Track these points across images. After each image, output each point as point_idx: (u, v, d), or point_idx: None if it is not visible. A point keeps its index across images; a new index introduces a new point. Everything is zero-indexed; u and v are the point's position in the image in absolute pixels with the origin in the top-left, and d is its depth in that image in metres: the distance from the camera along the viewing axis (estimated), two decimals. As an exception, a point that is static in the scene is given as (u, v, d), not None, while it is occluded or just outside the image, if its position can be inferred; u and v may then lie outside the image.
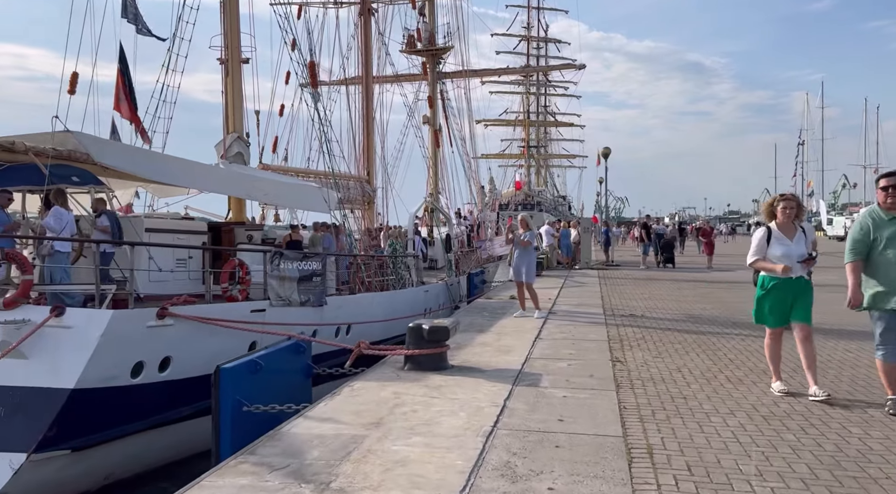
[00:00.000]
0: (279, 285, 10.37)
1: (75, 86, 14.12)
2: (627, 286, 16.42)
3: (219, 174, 11.21)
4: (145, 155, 9.97)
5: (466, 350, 7.62)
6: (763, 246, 5.65)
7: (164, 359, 8.18)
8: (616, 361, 7.03)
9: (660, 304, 12.40)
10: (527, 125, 68.61)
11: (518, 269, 10.59)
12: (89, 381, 7.27)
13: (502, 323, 9.98)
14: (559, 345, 7.96)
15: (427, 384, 5.88)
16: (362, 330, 12.69)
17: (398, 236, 16.71)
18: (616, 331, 9.08)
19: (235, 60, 14.61)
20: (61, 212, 8.24)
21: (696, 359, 7.22)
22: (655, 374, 6.47)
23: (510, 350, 7.64)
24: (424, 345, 6.41)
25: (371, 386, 5.81)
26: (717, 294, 14.48)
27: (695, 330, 9.28)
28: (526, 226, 10.78)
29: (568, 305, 12.21)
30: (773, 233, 5.64)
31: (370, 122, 22.23)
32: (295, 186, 13.24)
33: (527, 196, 56.00)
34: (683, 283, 17.05)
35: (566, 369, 6.61)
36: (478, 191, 29.33)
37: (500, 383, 5.93)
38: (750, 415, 5.06)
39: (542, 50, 71.21)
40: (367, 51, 22.20)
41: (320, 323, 11.36)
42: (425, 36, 28.03)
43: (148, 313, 7.90)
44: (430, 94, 27.36)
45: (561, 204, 71.32)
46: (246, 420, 6.03)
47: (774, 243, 5.59)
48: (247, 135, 15.07)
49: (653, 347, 7.91)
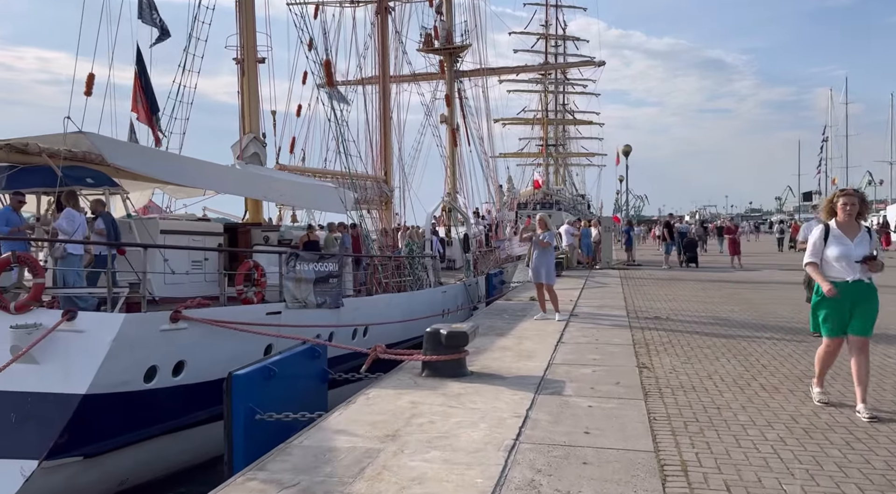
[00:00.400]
0: (295, 287, 10.20)
1: (91, 88, 14.09)
2: (650, 287, 16.04)
3: (234, 175, 11.07)
4: (159, 156, 9.85)
5: (486, 355, 7.37)
6: (819, 246, 5.13)
7: (178, 363, 8.03)
8: (643, 367, 6.73)
9: (685, 306, 12.04)
10: (545, 123, 68.09)
11: (537, 270, 10.30)
12: (101, 386, 7.13)
13: (523, 325, 9.71)
14: (583, 350, 7.67)
15: (445, 392, 5.64)
16: (380, 331, 12.50)
17: (415, 236, 16.47)
18: (641, 335, 8.76)
19: (251, 60, 14.48)
20: (73, 214, 8.12)
21: (727, 365, 6.89)
22: (685, 381, 6.16)
23: (531, 355, 7.37)
24: (442, 351, 6.17)
25: (387, 395, 5.59)
26: (744, 295, 14.06)
27: (724, 333, 8.93)
28: (544, 226, 10.48)
29: (590, 307, 11.90)
30: (831, 231, 5.12)
31: (387, 122, 22.05)
32: (311, 186, 13.08)
33: (545, 195, 55.58)
34: (708, 284, 16.62)
35: (591, 376, 6.32)
36: (496, 191, 29.01)
37: (522, 391, 5.67)
38: (790, 428, 4.74)
39: (560, 48, 70.70)
40: (383, 49, 22.02)
41: (337, 324, 11.18)
42: (442, 34, 27.80)
43: (161, 316, 7.75)
44: (448, 93, 27.14)
45: (580, 202, 70.76)
46: (259, 429, 5.84)
47: (832, 243, 5.07)
48: (263, 136, 14.94)
49: (681, 352, 7.59)
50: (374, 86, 22.75)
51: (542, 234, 10.35)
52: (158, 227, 10.57)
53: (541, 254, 10.32)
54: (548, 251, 10.40)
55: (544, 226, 10.52)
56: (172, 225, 10.96)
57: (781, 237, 38.42)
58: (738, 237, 24.07)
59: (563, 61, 66.54)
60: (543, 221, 10.69)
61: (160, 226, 10.61)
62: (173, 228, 10.83)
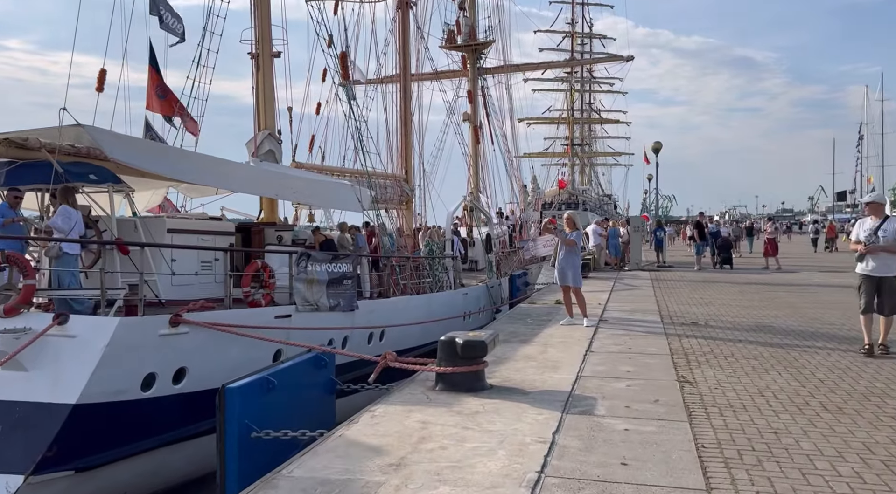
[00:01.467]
0: (306, 289, 9.66)
1: (103, 84, 13.71)
2: (683, 289, 15.20)
3: (245, 172, 10.55)
4: (164, 151, 9.35)
5: (507, 365, 6.71)
6: None
7: (179, 370, 7.52)
8: (684, 381, 6.02)
9: (723, 311, 11.23)
10: (570, 122, 66.98)
11: (563, 272, 9.60)
12: (94, 395, 6.64)
13: (548, 332, 9.03)
14: (615, 360, 6.97)
15: (461, 410, 5.00)
16: (397, 334, 11.93)
17: (435, 236, 15.85)
18: (679, 343, 8.03)
19: (266, 54, 14.01)
20: (69, 211, 7.66)
21: (779, 380, 6.14)
22: (734, 399, 5.44)
23: (558, 365, 6.69)
24: (458, 362, 5.53)
25: (395, 412, 4.97)
26: (785, 298, 13.18)
27: (769, 342, 8.14)
28: (572, 225, 9.77)
29: (620, 311, 11.16)
30: None
31: (408, 119, 21.46)
32: (327, 184, 12.53)
33: (570, 195, 54.58)
34: (745, 286, 15.72)
35: (625, 391, 5.64)
36: (520, 190, 28.26)
37: (547, 409, 5.01)
38: (865, 460, 4.02)
39: (586, 46, 69.51)
40: (404, 44, 21.41)
41: (352, 327, 10.64)
42: (465, 30, 27.18)
43: (160, 320, 7.25)
44: (471, 90, 26.48)
45: (606, 203, 69.52)
46: (255, 448, 5.28)
47: None
48: (279, 133, 14.46)
49: (725, 364, 6.85)
50: (395, 85, 22.21)
51: (570, 233, 9.66)
52: (165, 226, 10.10)
53: (567, 255, 9.62)
54: (574, 252, 9.70)
55: (572, 226, 9.82)
56: (180, 224, 10.48)
57: (816, 237, 37.05)
58: (776, 238, 22.96)
59: (590, 58, 65.49)
60: (571, 220, 9.97)
61: (167, 224, 10.13)
62: (181, 227, 10.35)
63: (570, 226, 9.78)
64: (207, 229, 10.91)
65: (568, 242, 9.59)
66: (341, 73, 12.89)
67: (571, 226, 9.78)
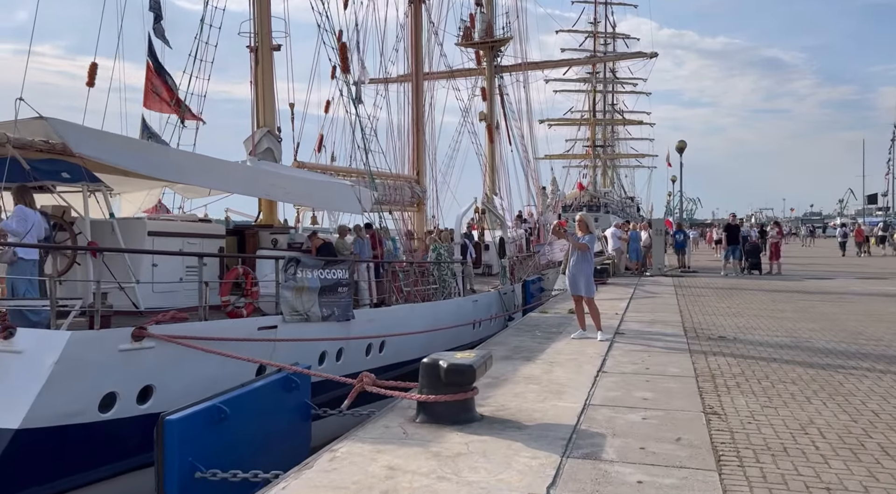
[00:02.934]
0: (295, 297, 8.88)
1: (94, 79, 13.18)
2: (709, 297, 14.17)
3: (231, 171, 9.78)
4: (138, 146, 8.62)
5: (505, 388, 5.84)
6: None
7: (145, 389, 6.78)
8: (711, 413, 5.10)
9: (754, 323, 10.22)
10: (592, 124, 65.77)
11: (574, 280, 8.69)
12: (40, 419, 5.91)
13: (557, 346, 8.13)
14: (630, 383, 6.06)
15: (439, 450, 4.15)
16: (398, 345, 11.12)
17: (444, 239, 15.00)
18: (704, 362, 7.09)
19: (266, 47, 13.33)
20: (26, 213, 6.96)
21: (824, 411, 5.20)
22: (771, 438, 4.52)
23: (563, 390, 5.81)
24: (442, 389, 4.69)
25: (360, 453, 4.13)
26: (821, 308, 12.11)
27: (809, 361, 7.16)
28: (585, 228, 8.84)
29: (639, 322, 10.22)
30: None
31: (420, 118, 20.67)
32: (324, 184, 11.75)
33: (592, 197, 53.38)
34: (775, 294, 14.64)
35: (641, 426, 4.74)
36: (537, 192, 27.30)
37: (545, 451, 4.14)
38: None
39: (609, 47, 68.21)
40: (417, 41, 20.64)
41: (346, 337, 9.85)
42: (482, 27, 26.36)
43: (120, 334, 6.50)
44: (488, 89, 25.64)
45: (629, 205, 68.15)
46: (199, 491, 4.50)
47: None
48: (278, 130, 13.75)
49: (758, 389, 5.90)
50: (407, 85, 21.44)
51: (582, 237, 8.75)
52: (146, 229, 9.41)
53: (580, 261, 8.71)
54: (587, 257, 8.77)
55: (584, 228, 8.89)
56: (163, 226, 9.79)
57: (844, 241, 35.61)
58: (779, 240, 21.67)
59: (613, 55, 64.14)
60: (584, 222, 9.03)
61: (148, 226, 9.45)
62: (163, 229, 9.65)
63: (583, 228, 8.85)
64: (193, 232, 10.21)
65: (580, 246, 8.68)
66: (341, 66, 12.12)
67: (584, 228, 8.85)
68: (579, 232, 8.84)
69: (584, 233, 8.80)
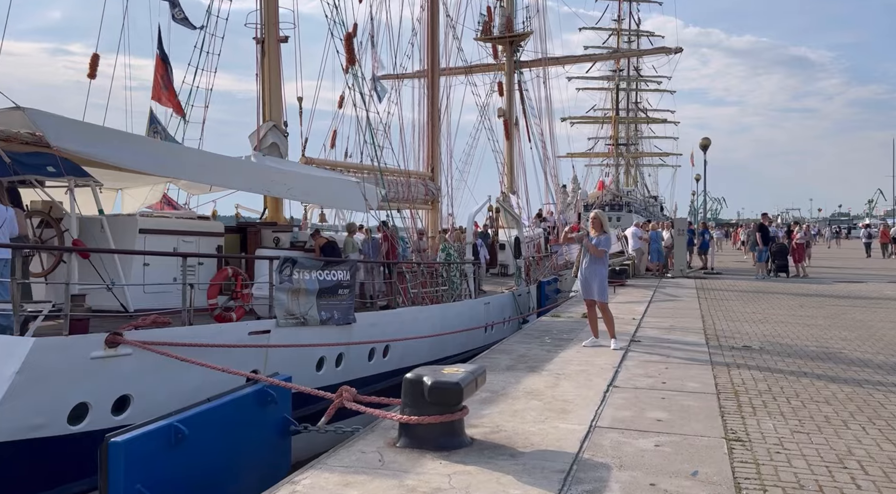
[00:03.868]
0: (290, 300, 8.41)
1: (95, 71, 12.87)
2: (733, 301, 13.43)
3: (228, 165, 9.30)
4: (122, 139, 8.13)
5: (503, 405, 5.29)
6: None
7: (121, 399, 6.33)
8: (734, 439, 4.49)
9: (781, 331, 9.51)
10: (615, 122, 64.68)
11: (587, 284, 8.07)
12: (1, 433, 5.50)
13: (565, 355, 7.54)
14: (643, 401, 5.47)
15: (416, 484, 3.61)
16: (403, 350, 10.61)
17: (455, 239, 14.44)
18: (727, 376, 6.45)
19: (272, 38, 12.90)
20: (-3, 208, 6.56)
21: (864, 438, 4.56)
22: (804, 473, 3.91)
23: (567, 408, 5.23)
24: (427, 409, 4.15)
25: (325, 487, 3.61)
26: (853, 315, 11.34)
27: (843, 376, 6.49)
28: (599, 227, 8.19)
29: (657, 328, 9.57)
30: None
31: (435, 112, 20.11)
32: (327, 180, 11.23)
33: (615, 196, 52.45)
34: (804, 299, 13.85)
35: (653, 455, 4.15)
36: (556, 191, 26.58)
37: (538, 488, 3.57)
38: None
39: (633, 44, 66.99)
40: (433, 34, 20.05)
41: (347, 342, 9.36)
42: (502, 21, 25.74)
43: (91, 340, 6.06)
44: (506, 85, 25.02)
45: (652, 204, 67.02)
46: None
47: None
48: (284, 125, 13.31)
49: (788, 409, 5.27)
50: (423, 80, 20.91)
51: (595, 238, 8.12)
52: (137, 226, 9.01)
53: (592, 262, 8.10)
54: (602, 260, 8.15)
55: (599, 228, 8.24)
56: (155, 223, 9.36)
57: (869, 242, 34.56)
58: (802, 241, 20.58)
59: (637, 59, 62.99)
60: (598, 220, 8.30)
61: (139, 224, 9.04)
62: (156, 227, 9.24)
63: (597, 227, 8.18)
64: (189, 229, 9.79)
65: (594, 251, 8.04)
66: (346, 58, 11.62)
67: (598, 227, 8.17)
68: (592, 231, 8.21)
69: (597, 233, 8.17)
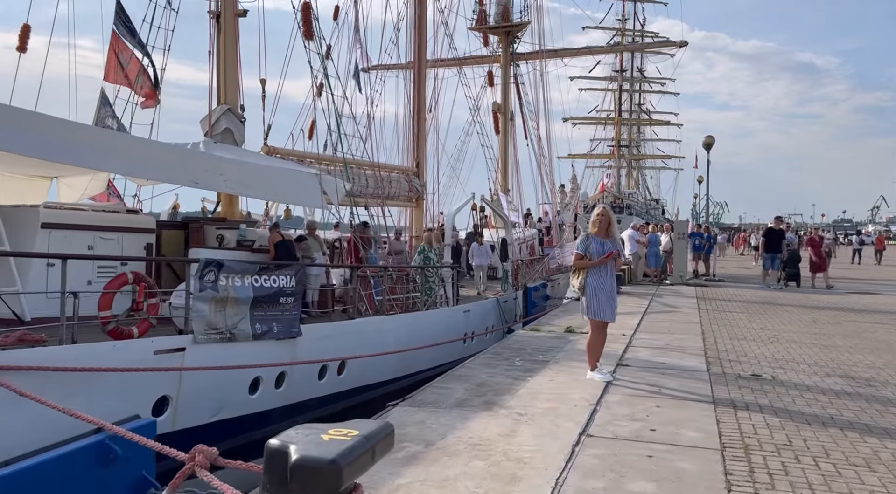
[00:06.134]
0: (214, 310, 7.08)
1: (26, 44, 11.56)
2: (738, 313, 12.05)
3: (143, 152, 7.71)
4: (14, 117, 6.71)
5: (434, 466, 3.92)
6: None
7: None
8: (744, 536, 3.13)
9: (794, 353, 8.13)
10: (618, 123, 63.22)
11: (600, 303, 6.30)
12: None
13: (535, 385, 6.16)
14: (623, 462, 4.10)
15: None
16: (362, 367, 9.29)
17: (432, 241, 13.08)
18: (734, 419, 5.07)
19: (228, 12, 11.58)
20: None
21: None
22: None
23: (520, 473, 3.86)
24: None
25: None
26: (874, 332, 9.97)
27: (882, 423, 5.10)
28: (605, 230, 6.41)
29: (650, 347, 8.19)
30: None
31: (421, 102, 18.74)
32: (276, 171, 9.82)
33: (616, 198, 51.01)
34: (817, 312, 12.45)
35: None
36: (551, 190, 25.22)
37: None
38: None
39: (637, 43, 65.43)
40: (420, 11, 18.60)
41: (289, 362, 8.03)
42: (498, 10, 24.44)
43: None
44: (502, 78, 23.71)
45: (653, 207, 65.50)
46: None
47: None
48: (241, 109, 11.98)
49: (817, 479, 3.89)
50: (410, 72, 19.57)
51: (606, 242, 6.36)
52: (39, 220, 7.67)
53: (607, 274, 6.35)
54: (611, 268, 6.43)
55: (604, 231, 6.41)
56: (64, 216, 8.01)
57: (859, 249, 34.24)
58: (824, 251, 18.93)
59: (641, 60, 61.56)
60: (606, 219, 6.44)
61: (41, 217, 7.70)
62: (64, 221, 7.89)
63: (603, 228, 6.40)
64: (108, 224, 8.46)
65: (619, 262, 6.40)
66: (303, 31, 10.26)
67: (603, 230, 6.40)
68: (593, 228, 6.43)
69: (604, 237, 6.37)
